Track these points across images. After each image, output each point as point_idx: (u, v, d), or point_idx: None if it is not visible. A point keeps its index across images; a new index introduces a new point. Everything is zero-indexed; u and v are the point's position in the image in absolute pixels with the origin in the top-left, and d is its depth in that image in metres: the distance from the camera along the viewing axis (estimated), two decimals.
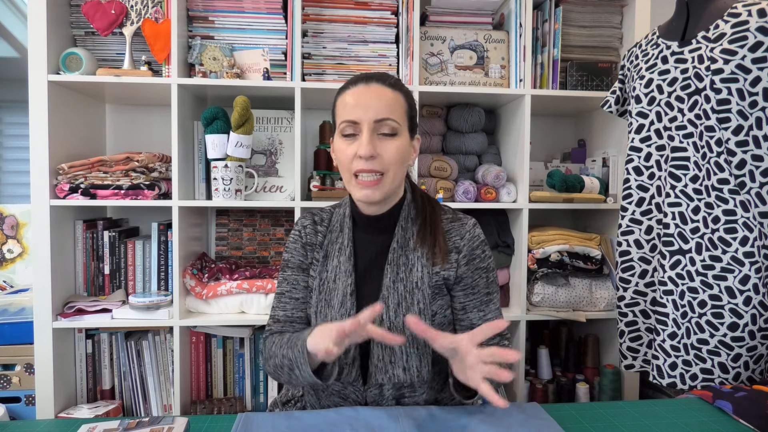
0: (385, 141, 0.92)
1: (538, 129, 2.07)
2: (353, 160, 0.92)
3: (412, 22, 1.65)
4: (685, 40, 1.23)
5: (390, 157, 0.92)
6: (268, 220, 1.91)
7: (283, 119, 1.76)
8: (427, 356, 0.96)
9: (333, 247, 1.02)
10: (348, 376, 0.96)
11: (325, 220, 1.06)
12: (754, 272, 1.11)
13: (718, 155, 1.14)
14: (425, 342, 0.93)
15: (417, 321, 0.80)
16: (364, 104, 0.91)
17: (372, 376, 0.95)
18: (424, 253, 0.97)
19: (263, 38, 1.67)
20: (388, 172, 0.92)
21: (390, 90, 0.93)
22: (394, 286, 0.96)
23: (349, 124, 0.92)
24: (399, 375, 0.94)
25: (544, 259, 1.69)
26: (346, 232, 1.02)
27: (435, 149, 1.85)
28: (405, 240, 0.99)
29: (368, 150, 0.89)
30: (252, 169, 1.70)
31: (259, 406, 1.74)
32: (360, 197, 0.94)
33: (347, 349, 0.96)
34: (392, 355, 0.94)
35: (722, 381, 1.14)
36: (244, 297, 1.62)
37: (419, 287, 0.96)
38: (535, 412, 0.86)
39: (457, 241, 1.00)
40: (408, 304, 0.95)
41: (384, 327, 0.95)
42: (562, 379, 1.82)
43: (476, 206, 1.70)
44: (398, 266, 0.97)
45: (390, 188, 0.94)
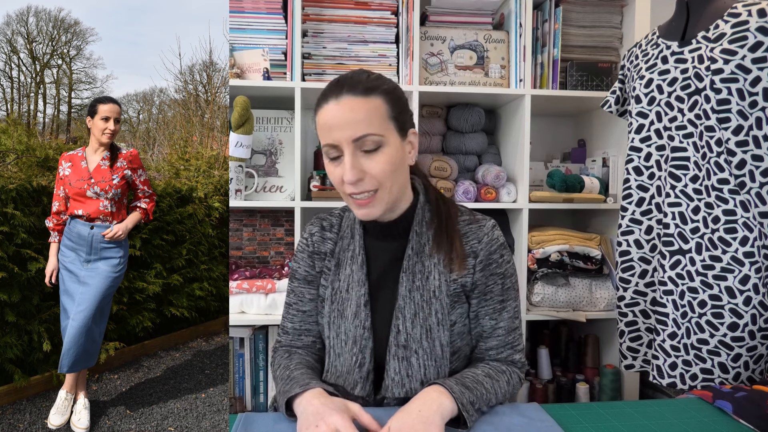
0: (370, 157, 0.85)
1: (538, 129, 2.07)
2: (343, 183, 0.86)
3: (412, 22, 1.65)
4: (685, 40, 1.23)
5: (378, 173, 0.85)
6: (268, 220, 1.91)
7: (283, 119, 1.76)
8: (444, 368, 0.92)
9: (345, 254, 0.97)
10: (362, 391, 0.92)
11: (335, 226, 1.01)
12: (754, 272, 1.11)
13: (718, 155, 1.14)
14: (443, 354, 0.91)
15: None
16: (339, 124, 0.83)
17: (388, 390, 0.91)
18: (440, 260, 0.92)
19: (263, 38, 1.67)
20: (381, 187, 0.86)
21: (362, 99, 0.84)
22: (410, 296, 0.91)
23: (330, 147, 0.86)
24: (416, 389, 0.89)
25: (544, 259, 1.69)
26: (357, 239, 0.96)
27: (435, 149, 1.85)
28: (420, 246, 0.94)
29: (352, 175, 0.83)
30: (252, 169, 1.70)
31: (259, 406, 1.74)
32: (359, 216, 0.90)
33: (362, 362, 0.92)
34: (409, 368, 0.90)
35: (722, 381, 1.14)
36: (244, 297, 1.62)
37: (437, 296, 0.91)
38: (535, 413, 0.86)
39: (474, 244, 0.94)
40: (425, 314, 0.90)
41: (401, 338, 0.91)
42: (562, 379, 1.82)
43: (476, 206, 1.70)
44: (414, 274, 0.92)
45: (389, 200, 0.88)
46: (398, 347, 0.91)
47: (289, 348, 1.02)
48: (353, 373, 0.92)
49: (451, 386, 0.80)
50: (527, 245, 1.69)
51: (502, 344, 0.95)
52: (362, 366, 0.92)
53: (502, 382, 0.89)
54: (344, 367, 0.94)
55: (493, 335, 0.95)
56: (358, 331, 0.93)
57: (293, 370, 0.90)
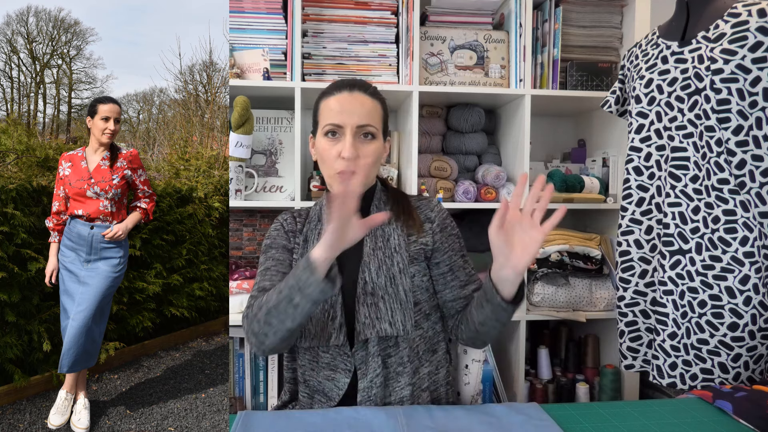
0: (365, 143, 1.03)
1: (538, 129, 2.07)
2: (336, 159, 1.01)
3: (412, 22, 1.65)
4: (685, 40, 1.23)
5: (368, 157, 1.03)
6: (268, 220, 1.91)
7: (283, 119, 1.76)
8: (409, 311, 1.03)
9: (312, 233, 1.10)
10: (336, 340, 1.01)
11: (302, 215, 1.16)
12: (754, 272, 1.11)
13: (718, 155, 1.14)
14: (407, 298, 1.02)
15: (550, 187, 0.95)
16: (348, 110, 1.01)
17: (360, 334, 1.00)
18: (399, 226, 1.07)
19: (263, 38, 1.67)
20: (363, 170, 1.02)
21: (370, 99, 1.04)
22: (374, 253, 1.04)
23: (335, 126, 1.02)
24: (386, 329, 1.00)
25: (544, 259, 1.69)
26: (324, 219, 1.07)
27: (435, 149, 1.85)
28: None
29: (351, 152, 0.99)
30: (252, 169, 1.70)
31: (259, 406, 1.74)
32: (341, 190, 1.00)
33: (333, 315, 1.01)
34: (377, 311, 1.00)
35: (722, 381, 1.14)
36: (244, 297, 1.62)
37: (397, 251, 1.05)
38: (535, 413, 0.86)
39: (428, 213, 1.11)
40: (388, 266, 1.03)
41: (368, 287, 1.02)
42: (562, 379, 1.82)
43: (476, 206, 1.70)
44: (376, 237, 1.06)
45: (365, 182, 1.05)
46: (366, 295, 1.02)
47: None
48: (327, 327, 1.02)
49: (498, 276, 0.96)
50: None
51: (479, 286, 1.11)
52: (334, 319, 1.02)
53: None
54: (318, 326, 1.03)
55: (471, 281, 1.11)
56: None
57: (280, 284, 0.93)
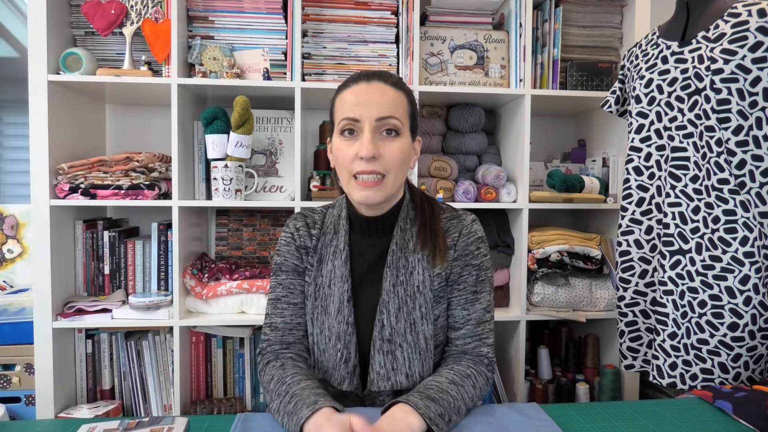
0: (387, 141, 0.87)
1: (538, 129, 2.07)
2: (354, 160, 0.87)
3: (412, 22, 1.65)
4: (685, 40, 1.23)
5: (392, 158, 0.87)
6: (268, 220, 1.91)
7: (283, 119, 1.76)
8: (429, 360, 0.93)
9: (327, 250, 0.98)
10: (350, 386, 0.93)
11: (317, 223, 1.01)
12: (754, 272, 1.11)
13: (718, 155, 1.14)
14: (427, 346, 0.92)
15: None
16: (366, 101, 0.86)
17: (373, 383, 0.92)
18: (425, 255, 0.93)
19: (263, 38, 1.67)
20: (389, 174, 0.88)
21: (392, 88, 0.89)
22: (394, 290, 0.92)
23: (350, 121, 0.87)
24: (402, 382, 0.91)
25: (544, 259, 1.69)
26: (342, 235, 0.97)
27: (435, 149, 1.85)
28: (404, 242, 0.95)
29: (370, 150, 0.84)
30: (252, 169, 1.70)
31: (259, 406, 1.74)
32: (360, 199, 0.89)
33: (347, 357, 0.92)
34: (394, 362, 0.91)
35: (722, 381, 1.14)
36: (244, 297, 1.62)
37: (420, 291, 0.92)
38: (535, 413, 0.86)
39: (454, 237, 0.96)
40: (409, 308, 0.92)
41: (385, 332, 0.92)
42: (562, 379, 1.82)
43: (476, 206, 1.70)
44: (398, 269, 0.93)
45: (391, 190, 0.90)
46: (383, 341, 0.91)
47: (277, 351, 0.96)
48: (339, 369, 0.93)
49: (416, 403, 0.78)
50: (527, 245, 1.69)
51: (471, 334, 0.95)
52: (347, 361, 0.93)
53: (467, 387, 0.87)
54: (330, 363, 0.94)
55: (464, 325, 0.95)
56: (342, 327, 0.93)
57: (291, 385, 0.85)
